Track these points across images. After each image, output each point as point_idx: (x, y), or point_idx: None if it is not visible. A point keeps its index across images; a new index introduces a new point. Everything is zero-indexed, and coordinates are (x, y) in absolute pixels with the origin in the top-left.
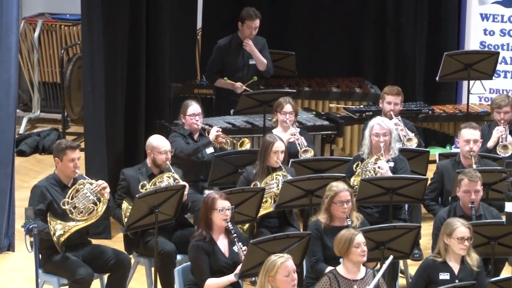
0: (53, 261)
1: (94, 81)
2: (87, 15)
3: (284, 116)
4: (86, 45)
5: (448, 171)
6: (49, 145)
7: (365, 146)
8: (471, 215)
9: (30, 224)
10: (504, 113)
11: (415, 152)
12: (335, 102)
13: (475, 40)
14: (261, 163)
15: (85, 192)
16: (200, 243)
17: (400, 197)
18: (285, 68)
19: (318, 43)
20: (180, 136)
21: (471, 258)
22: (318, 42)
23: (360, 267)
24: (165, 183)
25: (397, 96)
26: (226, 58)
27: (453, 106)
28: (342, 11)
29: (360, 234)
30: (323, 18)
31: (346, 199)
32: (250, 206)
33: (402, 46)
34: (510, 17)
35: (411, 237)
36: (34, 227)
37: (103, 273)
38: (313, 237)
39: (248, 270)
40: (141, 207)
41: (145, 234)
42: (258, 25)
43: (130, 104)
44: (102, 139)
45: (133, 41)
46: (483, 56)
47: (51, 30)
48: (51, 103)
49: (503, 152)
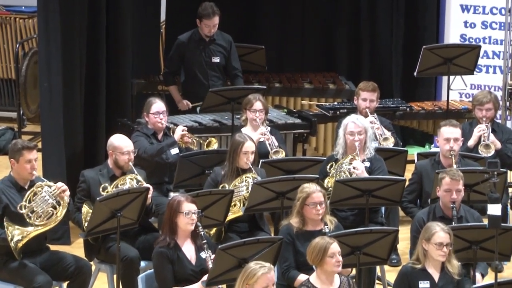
0: (9, 269)
1: (51, 77)
2: (43, 7)
3: (253, 114)
4: (43, 38)
5: (427, 171)
6: (4, 145)
7: (339, 146)
8: (451, 216)
9: None
10: (486, 110)
11: (392, 152)
12: (307, 99)
13: (455, 33)
14: (230, 164)
15: (43, 195)
16: (163, 250)
17: (377, 199)
18: (255, 63)
19: (290, 36)
20: (143, 136)
21: (452, 265)
22: (289, 35)
23: (334, 276)
24: (127, 185)
25: (372, 93)
26: (186, 54)
27: (432, 103)
28: (315, 2)
29: (335, 243)
30: (295, 10)
31: (319, 201)
32: (218, 210)
33: (378, 39)
34: (492, 8)
35: (388, 242)
36: None
37: (62, 280)
38: (285, 242)
39: (216, 277)
40: (102, 210)
41: (106, 239)
42: (217, 22)
43: (90, 101)
44: (60, 138)
45: (93, 34)
46: (463, 50)
47: (5, 23)
48: (6, 101)
49: (485, 152)
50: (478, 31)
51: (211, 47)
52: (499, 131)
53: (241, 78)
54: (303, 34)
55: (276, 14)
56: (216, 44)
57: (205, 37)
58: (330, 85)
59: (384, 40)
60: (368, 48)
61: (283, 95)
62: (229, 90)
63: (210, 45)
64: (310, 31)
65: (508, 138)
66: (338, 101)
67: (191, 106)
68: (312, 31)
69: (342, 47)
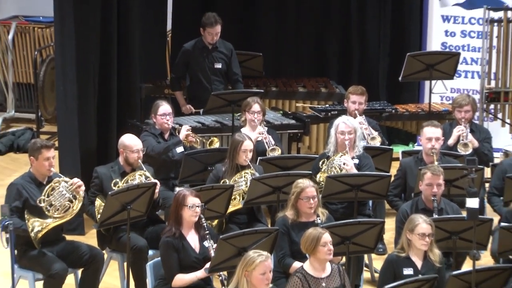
0: (29, 257)
1: (66, 82)
2: (59, 18)
3: (252, 115)
4: (59, 46)
5: (411, 168)
6: (24, 144)
7: (331, 144)
8: (433, 208)
9: (6, 221)
10: (464, 112)
11: (378, 150)
12: (301, 102)
13: (436, 41)
14: (230, 161)
15: (60, 190)
16: (169, 240)
17: (365, 194)
18: (253, 68)
19: (285, 44)
20: (151, 135)
21: (434, 253)
22: (284, 43)
23: (326, 264)
24: (137, 181)
25: (361, 96)
26: (191, 61)
27: (416, 105)
28: (308, 13)
29: (327, 233)
30: (290, 20)
31: (312, 195)
32: (219, 203)
33: (366, 47)
34: (470, 18)
35: (375, 232)
36: (10, 224)
37: (77, 268)
38: (281, 233)
39: (218, 264)
40: (113, 204)
41: (117, 230)
42: (219, 30)
43: (102, 104)
44: (75, 138)
45: (105, 42)
46: (444, 57)
47: (25, 32)
48: (25, 103)
49: (463, 150)
50: (458, 40)
51: (214, 54)
52: (477, 131)
53: (241, 83)
54: (297, 43)
55: (272, 24)
56: (219, 51)
57: (208, 45)
58: (322, 89)
59: (372, 48)
60: (357, 55)
61: (279, 98)
62: (229, 94)
63: (213, 52)
64: (304, 39)
65: (485, 138)
66: (330, 103)
67: (194, 111)
68: (306, 40)
69: (333, 54)
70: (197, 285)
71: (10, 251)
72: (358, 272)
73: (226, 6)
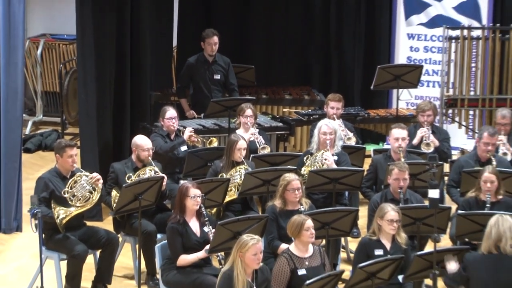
0: (54, 240)
1: (87, 90)
2: (81, 36)
3: (245, 119)
4: (80, 60)
5: (381, 163)
6: (50, 143)
7: (314, 143)
8: (399, 198)
9: (35, 209)
10: (427, 116)
11: (354, 148)
12: (287, 107)
13: (403, 56)
14: (227, 158)
15: (82, 183)
16: (174, 225)
17: (342, 186)
18: (246, 79)
19: (273, 58)
20: (160, 136)
21: (400, 237)
22: (273, 57)
23: (309, 246)
24: (147, 175)
25: (339, 102)
26: (194, 73)
27: (385, 110)
28: (293, 31)
29: (310, 220)
30: (277, 37)
31: (297, 187)
32: (217, 194)
33: (343, 60)
34: (432, 36)
35: (350, 219)
36: (38, 212)
37: (96, 249)
38: (270, 219)
39: (216, 246)
40: (127, 195)
41: (130, 217)
42: (217, 41)
43: (117, 109)
44: (94, 138)
45: (119, 56)
46: (409, 69)
47: (51, 48)
48: (52, 109)
49: (426, 149)
50: (421, 54)
51: (213, 67)
52: (438, 132)
53: (236, 91)
54: (284, 56)
55: (262, 41)
56: (217, 64)
57: (209, 58)
58: (305, 96)
59: (348, 61)
60: (335, 67)
61: (268, 104)
62: (226, 101)
63: (213, 65)
64: (290, 54)
65: (444, 138)
66: (312, 109)
67: (196, 115)
68: (291, 54)
69: (315, 66)
70: (198, 264)
71: (38, 235)
72: (336, 252)
73: (223, 26)
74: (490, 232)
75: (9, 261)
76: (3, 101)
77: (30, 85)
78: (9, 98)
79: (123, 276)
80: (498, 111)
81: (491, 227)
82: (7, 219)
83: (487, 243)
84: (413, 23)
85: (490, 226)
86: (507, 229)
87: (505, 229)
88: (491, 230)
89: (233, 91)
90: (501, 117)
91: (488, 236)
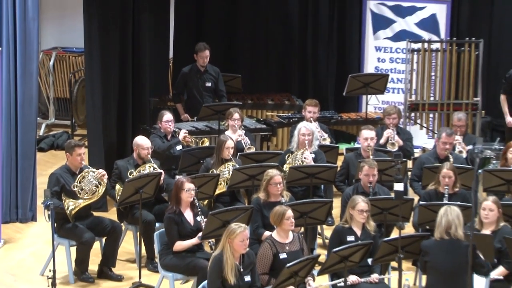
0: (65, 228)
1: (94, 97)
2: (88, 49)
3: (233, 121)
4: (88, 70)
5: (352, 160)
6: (61, 143)
7: (294, 142)
8: (369, 191)
9: (48, 201)
10: (392, 119)
11: (328, 147)
12: (270, 111)
13: (371, 66)
14: (217, 156)
15: (89, 178)
16: (171, 216)
17: (318, 180)
18: (234, 86)
19: (258, 68)
20: (158, 137)
21: (370, 225)
22: (257, 67)
23: (289, 233)
24: (147, 171)
25: (315, 107)
26: (187, 82)
27: (356, 114)
28: (275, 44)
29: (290, 210)
30: (261, 50)
31: (278, 181)
32: (208, 187)
33: (319, 70)
34: (396, 49)
35: (325, 209)
36: (50, 204)
37: (101, 236)
38: (255, 210)
39: (208, 233)
40: (129, 188)
41: (132, 208)
42: (208, 54)
43: (121, 113)
44: (100, 139)
45: (122, 67)
46: (377, 77)
47: (62, 59)
48: (63, 113)
49: (391, 148)
50: (387, 64)
51: (205, 76)
52: (402, 133)
53: (225, 97)
54: (267, 67)
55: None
56: (208, 73)
57: (201, 68)
58: (285, 101)
59: (323, 71)
60: (312, 76)
61: (253, 108)
62: (216, 105)
63: (204, 74)
64: (272, 64)
65: (407, 138)
66: (291, 112)
67: (190, 119)
68: (274, 64)
69: (294, 75)
70: (192, 249)
71: (51, 224)
72: (313, 238)
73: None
74: (441, 221)
75: (25, 247)
76: (19, 106)
77: (43, 92)
78: (25, 103)
79: (125, 260)
80: (455, 114)
81: (441, 216)
82: (23, 210)
83: (439, 230)
84: (380, 37)
85: (440, 215)
86: (455, 217)
87: (454, 217)
88: (441, 219)
89: (222, 97)
90: (457, 119)
91: (439, 224)
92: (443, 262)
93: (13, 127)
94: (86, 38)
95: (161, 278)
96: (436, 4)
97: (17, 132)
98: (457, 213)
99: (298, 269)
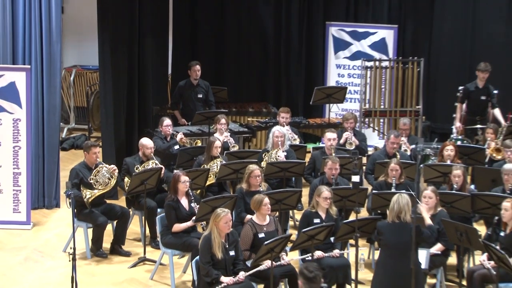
0: (83, 214)
1: (107, 106)
2: (102, 66)
3: (220, 125)
4: (102, 84)
5: (318, 157)
6: (80, 144)
7: (269, 143)
8: (332, 182)
9: (69, 191)
10: (350, 123)
11: (298, 147)
12: (251, 117)
13: (333, 80)
14: (207, 154)
15: (103, 172)
16: (170, 203)
17: (290, 173)
18: (221, 97)
19: (241, 82)
20: (159, 139)
21: (332, 209)
22: (240, 81)
23: (266, 216)
24: (150, 166)
25: (287, 113)
26: (183, 94)
27: (321, 119)
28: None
29: (267, 198)
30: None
31: (258, 174)
32: (200, 179)
33: (291, 83)
34: (353, 66)
35: (296, 197)
36: (71, 193)
37: (113, 220)
38: (239, 198)
39: (200, 217)
40: (136, 180)
41: (138, 196)
42: (199, 68)
43: (129, 119)
44: (112, 140)
45: (130, 81)
46: (338, 89)
47: (81, 75)
48: (81, 119)
49: (349, 147)
50: (346, 79)
51: (197, 89)
52: (358, 135)
53: (214, 106)
54: (248, 81)
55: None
56: (200, 87)
57: (194, 82)
58: (263, 109)
59: (294, 83)
60: (285, 88)
61: (237, 115)
62: (207, 113)
63: (197, 87)
64: (252, 79)
65: (362, 139)
66: (268, 118)
67: (185, 124)
68: (254, 79)
69: (270, 87)
70: (187, 230)
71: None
72: (286, 221)
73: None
74: (393, 206)
75: (50, 229)
76: (45, 113)
77: (65, 102)
78: (50, 111)
79: (133, 239)
80: (401, 120)
81: (394, 203)
82: (49, 198)
83: (391, 214)
84: (340, 56)
85: (392, 202)
86: (405, 204)
87: (404, 204)
88: (394, 205)
89: (212, 105)
90: (403, 124)
91: (392, 209)
92: (394, 240)
93: (40, 131)
94: (100, 57)
95: (162, 254)
96: (385, 30)
97: (43, 135)
98: (407, 201)
99: (274, 246)
